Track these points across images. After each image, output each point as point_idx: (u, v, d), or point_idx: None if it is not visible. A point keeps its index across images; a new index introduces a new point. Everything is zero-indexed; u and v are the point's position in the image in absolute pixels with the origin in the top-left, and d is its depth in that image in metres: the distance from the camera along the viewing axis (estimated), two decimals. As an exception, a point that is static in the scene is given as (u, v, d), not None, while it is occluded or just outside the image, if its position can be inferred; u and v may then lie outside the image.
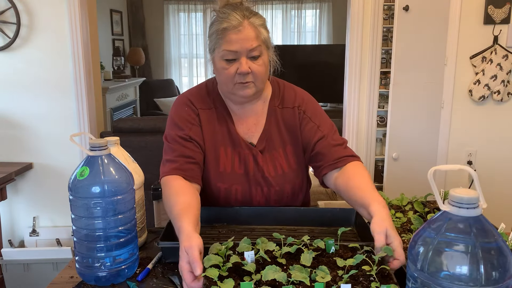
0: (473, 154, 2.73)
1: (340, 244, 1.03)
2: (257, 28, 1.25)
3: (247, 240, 0.99)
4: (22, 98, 2.64)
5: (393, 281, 0.88)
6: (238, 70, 1.24)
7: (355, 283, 0.87)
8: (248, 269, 0.89)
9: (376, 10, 2.67)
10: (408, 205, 1.32)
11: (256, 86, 1.29)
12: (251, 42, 1.23)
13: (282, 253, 0.98)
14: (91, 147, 1.02)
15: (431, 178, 0.76)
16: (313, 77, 5.50)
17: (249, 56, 1.24)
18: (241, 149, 1.35)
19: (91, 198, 1.00)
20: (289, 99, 1.40)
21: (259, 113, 1.39)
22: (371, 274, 0.89)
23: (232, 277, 0.88)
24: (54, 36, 2.58)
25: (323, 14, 6.79)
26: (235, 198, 1.35)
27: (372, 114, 2.81)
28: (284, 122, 1.38)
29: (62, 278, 1.10)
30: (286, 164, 1.37)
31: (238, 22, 1.22)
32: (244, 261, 0.93)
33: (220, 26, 1.24)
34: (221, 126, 1.36)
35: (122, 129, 3.04)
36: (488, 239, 0.71)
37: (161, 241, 1.07)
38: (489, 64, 2.59)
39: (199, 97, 1.39)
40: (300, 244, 1.00)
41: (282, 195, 1.37)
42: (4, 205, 2.74)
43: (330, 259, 0.97)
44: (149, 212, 1.38)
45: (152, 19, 6.85)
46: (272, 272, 0.86)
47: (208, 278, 0.87)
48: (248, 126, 1.38)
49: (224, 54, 1.24)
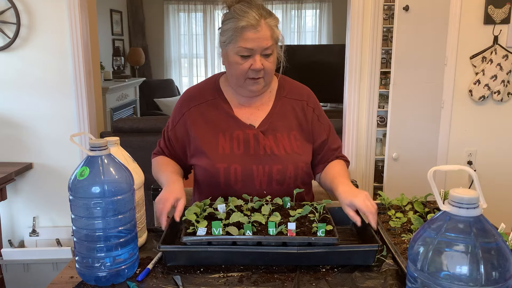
0: (473, 154, 2.73)
1: (296, 203, 1.29)
2: (273, 28, 1.33)
3: (221, 199, 1.27)
4: (22, 98, 2.64)
5: (331, 224, 1.13)
6: (251, 67, 1.32)
7: (301, 224, 1.15)
8: (220, 217, 1.15)
9: (376, 10, 2.67)
10: (408, 205, 1.32)
11: (265, 81, 1.37)
12: (266, 41, 1.30)
13: (248, 207, 1.23)
14: (91, 147, 1.02)
15: (431, 179, 0.76)
16: (313, 77, 5.49)
17: (262, 54, 1.32)
18: (241, 131, 1.39)
19: (91, 198, 1.00)
20: (297, 92, 1.49)
21: (265, 101, 1.45)
22: (314, 220, 1.16)
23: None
24: (54, 36, 2.58)
25: (323, 14, 6.79)
26: (234, 177, 1.36)
27: (372, 114, 2.81)
28: (292, 110, 1.44)
29: (62, 278, 1.10)
30: (289, 146, 1.40)
31: (256, 22, 1.29)
32: (217, 212, 1.18)
33: (238, 24, 1.29)
34: (219, 114, 1.42)
35: (122, 129, 3.04)
36: (488, 239, 0.71)
37: (162, 245, 1.08)
38: (489, 64, 2.59)
39: (197, 92, 1.49)
40: (263, 201, 1.25)
41: (284, 175, 1.37)
42: (4, 205, 2.74)
43: (285, 211, 1.23)
44: (149, 212, 1.38)
45: (152, 19, 6.85)
46: (237, 216, 1.13)
47: (187, 221, 1.14)
48: (251, 112, 1.43)
49: (240, 51, 1.31)
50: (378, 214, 1.29)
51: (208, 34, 6.90)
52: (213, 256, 1.09)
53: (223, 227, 1.09)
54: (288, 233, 1.08)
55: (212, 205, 1.24)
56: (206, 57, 7.02)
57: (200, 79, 7.10)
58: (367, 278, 1.05)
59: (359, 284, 1.03)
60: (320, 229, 1.08)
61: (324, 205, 1.23)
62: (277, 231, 1.08)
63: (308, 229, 1.12)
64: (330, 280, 1.04)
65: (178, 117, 1.46)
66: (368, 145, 2.86)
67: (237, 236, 1.07)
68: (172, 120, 1.49)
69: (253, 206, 1.24)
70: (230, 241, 1.07)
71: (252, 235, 1.07)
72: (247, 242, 1.07)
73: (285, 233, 1.08)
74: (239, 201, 1.26)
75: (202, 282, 1.04)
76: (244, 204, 1.25)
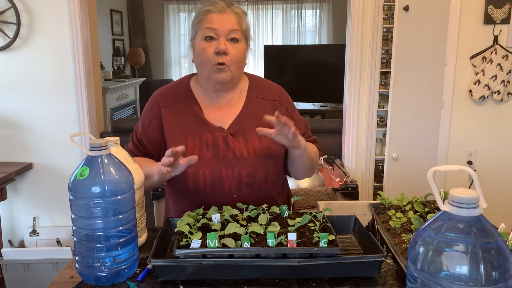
0: (473, 154, 2.73)
1: (293, 211, 1.23)
2: (239, 15, 1.35)
3: (214, 208, 1.20)
4: (22, 98, 2.64)
5: (333, 233, 1.07)
6: (216, 49, 1.30)
7: (301, 234, 1.08)
8: (215, 228, 1.08)
9: (376, 10, 2.67)
10: (408, 205, 1.32)
11: (231, 71, 1.34)
12: (232, 24, 1.32)
13: (243, 217, 1.17)
14: (91, 147, 1.02)
15: (431, 179, 0.76)
16: (313, 77, 5.50)
17: (228, 38, 1.32)
18: (210, 134, 1.37)
19: (91, 198, 1.00)
20: (268, 92, 1.46)
21: (235, 102, 1.43)
22: (315, 229, 1.10)
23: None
24: (54, 36, 2.58)
25: (323, 14, 6.79)
26: (203, 181, 1.33)
27: (372, 114, 2.81)
28: (264, 111, 1.38)
29: (62, 278, 1.10)
30: (260, 148, 1.36)
31: (222, 8, 1.33)
32: (211, 222, 1.12)
33: (204, 8, 1.34)
34: (189, 117, 1.40)
35: (122, 129, 3.04)
36: (488, 239, 0.71)
37: (153, 259, 1.01)
38: (489, 64, 2.59)
39: (167, 93, 1.46)
40: (259, 209, 1.20)
41: (254, 178, 1.34)
42: (4, 205, 2.74)
43: (283, 220, 1.17)
44: (149, 212, 1.38)
45: (152, 19, 6.85)
46: (234, 227, 1.06)
47: (180, 232, 1.07)
48: (221, 113, 1.41)
49: (205, 33, 1.32)
50: (378, 214, 1.29)
51: (208, 34, 6.90)
52: (208, 270, 1.02)
53: (219, 238, 1.02)
54: (288, 244, 1.02)
55: (206, 215, 1.18)
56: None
57: (200, 79, 7.10)
58: (367, 278, 1.05)
59: (359, 284, 1.03)
60: (322, 239, 1.02)
61: (324, 213, 1.18)
62: (277, 242, 1.02)
63: (308, 239, 1.06)
64: (330, 280, 1.04)
65: (149, 118, 1.43)
66: (368, 145, 2.86)
67: (235, 249, 1.00)
68: (142, 123, 1.45)
69: (250, 215, 1.18)
70: (226, 254, 1.00)
71: (250, 247, 1.01)
72: (245, 254, 1.00)
73: (285, 244, 1.02)
74: (234, 210, 1.20)
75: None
76: (240, 214, 1.19)
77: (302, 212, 1.23)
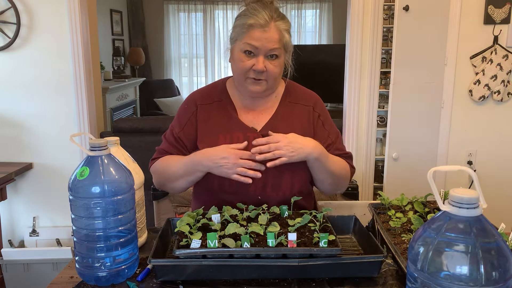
0: (473, 154, 2.73)
1: (294, 211, 1.24)
2: (282, 32, 1.31)
3: (214, 208, 1.21)
4: (22, 98, 2.64)
5: (333, 234, 1.08)
6: (254, 67, 1.30)
7: (301, 235, 1.09)
8: (215, 228, 1.09)
9: (376, 10, 2.67)
10: (408, 205, 1.32)
11: (267, 84, 1.34)
12: (273, 43, 1.28)
13: (243, 217, 1.17)
14: (91, 147, 1.02)
15: (431, 179, 0.76)
16: (313, 77, 5.48)
17: (267, 55, 1.30)
18: (242, 133, 1.37)
19: (91, 198, 1.00)
20: (303, 98, 1.46)
21: (269, 106, 1.43)
22: (315, 229, 1.10)
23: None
24: (54, 36, 2.58)
25: (323, 14, 6.79)
26: (228, 180, 1.30)
27: (372, 114, 2.81)
28: (297, 116, 1.41)
29: (62, 278, 1.10)
30: None
31: (265, 22, 1.28)
32: (211, 222, 1.12)
33: (247, 20, 1.29)
34: (223, 116, 1.40)
35: (122, 129, 3.04)
36: (488, 239, 0.71)
37: (153, 259, 1.01)
38: (489, 64, 2.59)
39: (204, 93, 1.47)
40: (259, 210, 1.20)
41: (280, 181, 1.33)
42: (4, 205, 2.74)
43: (283, 221, 1.17)
44: (149, 212, 1.38)
45: (152, 19, 6.85)
46: (234, 227, 1.06)
47: (180, 232, 1.07)
48: (255, 115, 1.41)
49: (245, 47, 1.30)
50: (378, 214, 1.29)
51: (208, 34, 6.89)
52: (208, 270, 1.03)
53: (219, 239, 1.03)
54: (288, 244, 1.02)
55: (206, 215, 1.18)
56: (206, 57, 7.02)
57: (200, 79, 7.10)
58: (367, 278, 1.05)
59: (359, 284, 1.02)
60: (322, 239, 1.03)
61: (324, 213, 1.18)
62: (277, 242, 1.03)
63: (309, 239, 1.07)
64: (330, 281, 1.04)
65: (187, 116, 1.43)
66: (368, 145, 2.86)
67: (235, 249, 1.01)
68: (179, 122, 1.44)
69: (249, 216, 1.18)
70: (226, 254, 1.01)
71: (250, 247, 1.02)
72: (245, 255, 1.01)
73: (285, 244, 1.03)
74: (234, 210, 1.20)
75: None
76: (240, 214, 1.19)
77: (302, 212, 1.23)
